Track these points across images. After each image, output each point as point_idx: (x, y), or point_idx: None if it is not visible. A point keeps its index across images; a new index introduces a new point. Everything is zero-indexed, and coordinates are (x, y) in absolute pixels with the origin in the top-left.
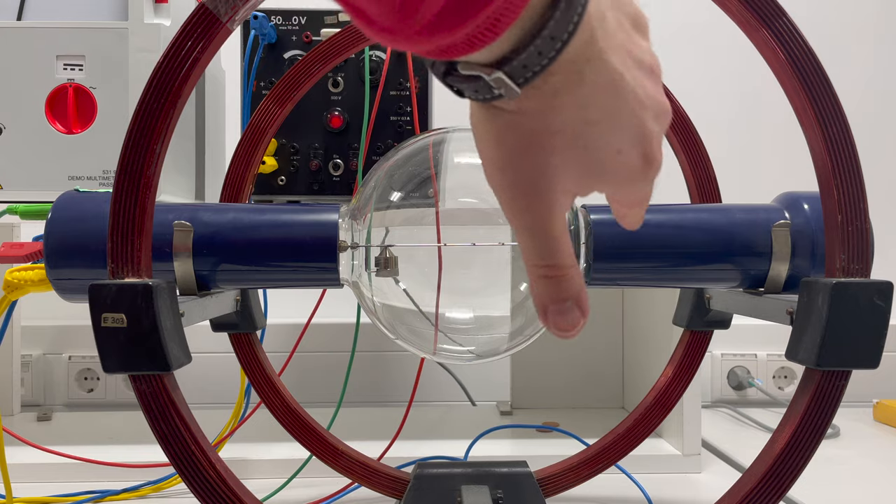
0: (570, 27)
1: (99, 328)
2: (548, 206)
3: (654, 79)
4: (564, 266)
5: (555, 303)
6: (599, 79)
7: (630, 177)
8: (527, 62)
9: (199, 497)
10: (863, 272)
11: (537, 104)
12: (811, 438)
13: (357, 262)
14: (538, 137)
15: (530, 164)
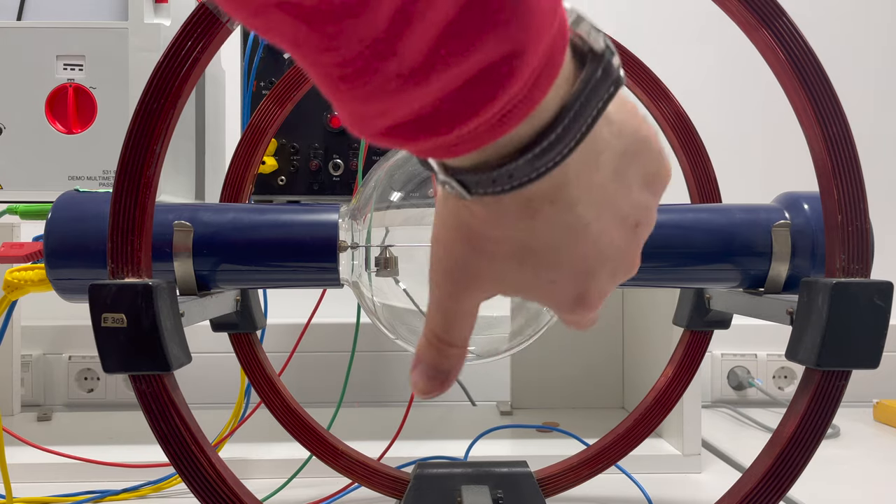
0: (534, 174)
1: (99, 328)
2: (464, 294)
3: (634, 237)
4: (454, 345)
5: (429, 367)
6: (557, 219)
7: (557, 306)
8: (480, 181)
9: (199, 497)
10: (863, 272)
11: (485, 213)
12: (811, 438)
13: (357, 262)
14: (476, 238)
15: (461, 254)
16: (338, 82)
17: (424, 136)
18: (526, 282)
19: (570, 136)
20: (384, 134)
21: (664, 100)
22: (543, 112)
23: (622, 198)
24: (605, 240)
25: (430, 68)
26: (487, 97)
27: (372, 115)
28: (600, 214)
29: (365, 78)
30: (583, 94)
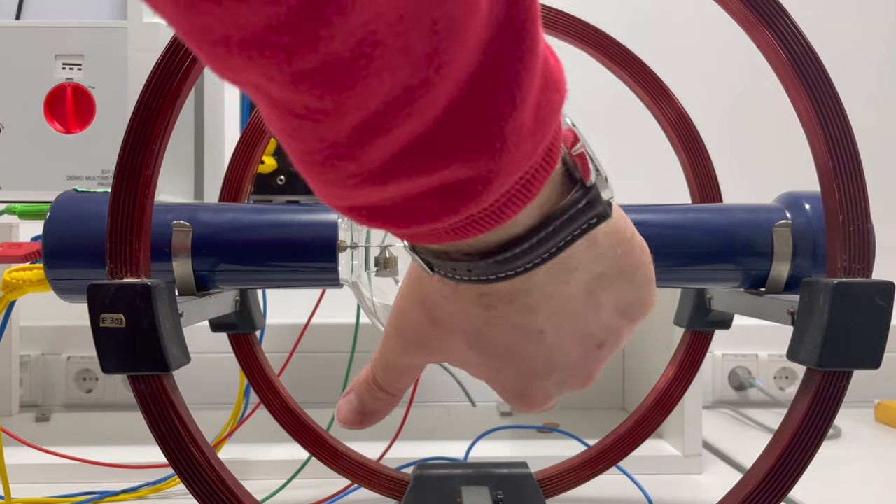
0: (493, 278)
1: (98, 328)
2: (410, 354)
3: (594, 355)
4: (386, 392)
5: (357, 402)
6: (512, 319)
7: (500, 393)
8: (440, 267)
9: (198, 498)
10: (864, 272)
11: (447, 291)
12: (812, 439)
13: (357, 262)
14: (433, 310)
15: (416, 320)
16: (298, 161)
17: (382, 224)
18: (471, 362)
19: (538, 253)
20: (346, 211)
21: (665, 99)
22: (514, 226)
23: (590, 317)
24: (559, 351)
25: (389, 175)
26: (448, 209)
27: (333, 195)
28: (560, 326)
29: (324, 168)
30: (559, 219)
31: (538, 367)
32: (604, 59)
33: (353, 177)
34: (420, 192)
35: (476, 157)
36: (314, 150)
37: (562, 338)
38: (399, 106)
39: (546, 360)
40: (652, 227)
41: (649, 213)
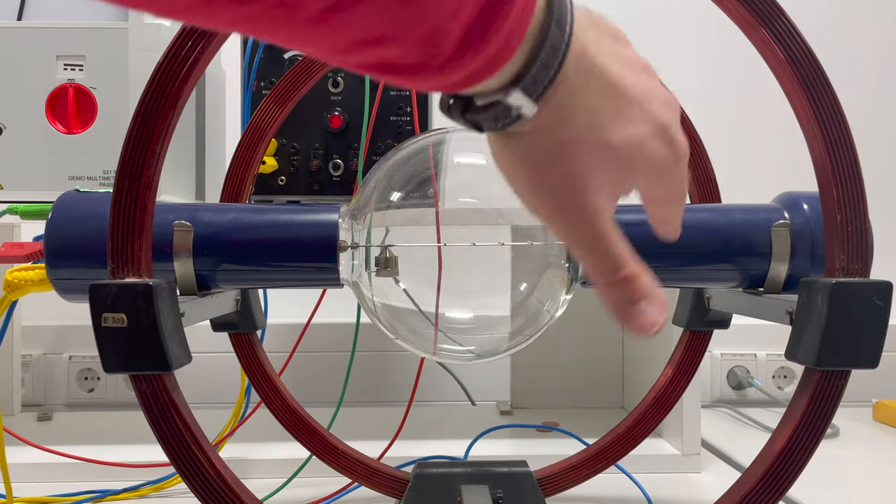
0: (566, 37)
1: (99, 328)
2: (590, 213)
3: (650, 74)
4: (623, 268)
5: (627, 307)
6: (601, 82)
7: (659, 166)
8: (536, 76)
9: (199, 497)
10: (862, 272)
11: (551, 118)
12: (811, 438)
13: (357, 262)
14: (558, 149)
15: (558, 176)
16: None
17: (490, 36)
18: (623, 160)
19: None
20: (455, 54)
21: None
22: (532, 31)
23: (620, 52)
24: (640, 85)
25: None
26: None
27: (441, 25)
28: (622, 67)
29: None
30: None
31: (648, 107)
32: None
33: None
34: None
35: None
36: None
37: (630, 73)
38: None
39: (645, 97)
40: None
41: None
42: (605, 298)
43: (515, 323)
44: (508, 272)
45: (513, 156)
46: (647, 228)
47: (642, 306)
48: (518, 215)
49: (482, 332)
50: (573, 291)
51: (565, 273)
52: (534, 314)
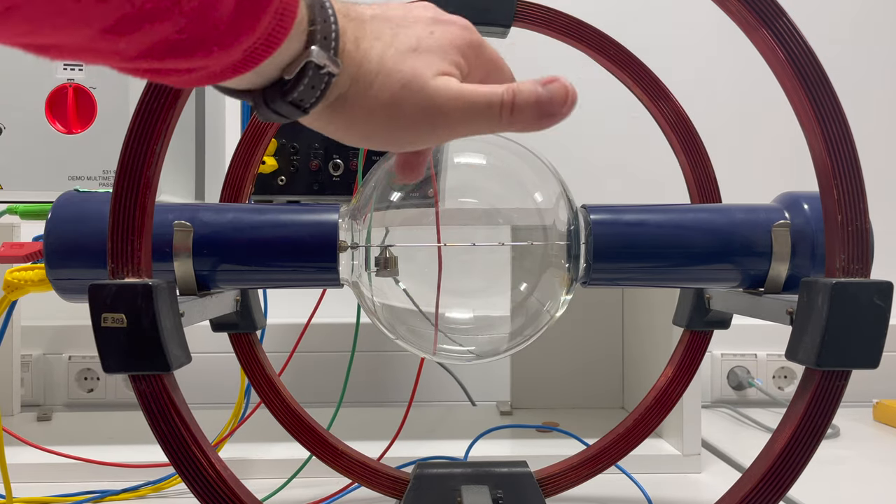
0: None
1: (99, 328)
2: (449, 101)
3: (418, 22)
4: (507, 95)
5: (535, 96)
6: (376, 21)
7: (468, 37)
8: (324, 31)
9: (199, 497)
10: (863, 272)
11: (357, 68)
12: (811, 438)
13: (357, 262)
14: (384, 83)
15: (407, 108)
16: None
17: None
18: (414, 35)
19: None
20: (231, 27)
21: (664, 99)
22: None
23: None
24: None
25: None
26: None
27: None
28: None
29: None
30: None
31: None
32: (603, 59)
33: None
34: None
35: None
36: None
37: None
38: None
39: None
40: (652, 227)
41: (649, 213)
42: (525, 124)
43: (515, 323)
44: (508, 272)
45: (351, 117)
46: (647, 228)
47: (544, 97)
48: (518, 215)
49: (482, 332)
50: (573, 291)
51: (565, 273)
52: (534, 314)
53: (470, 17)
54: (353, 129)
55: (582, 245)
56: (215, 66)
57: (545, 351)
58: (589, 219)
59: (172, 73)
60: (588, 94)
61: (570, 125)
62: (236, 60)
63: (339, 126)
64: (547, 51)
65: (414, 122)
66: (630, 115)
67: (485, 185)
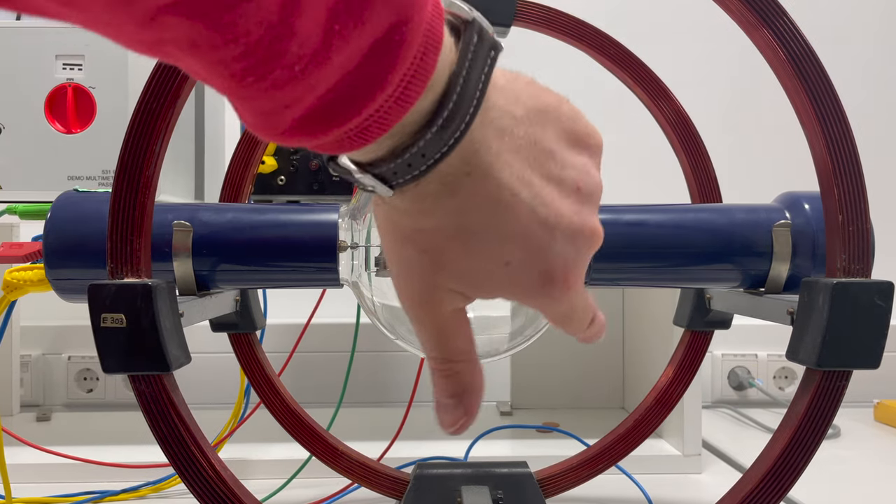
0: (444, 148)
1: (98, 328)
2: (431, 300)
3: (578, 198)
4: (449, 361)
5: (440, 397)
6: (480, 191)
7: (524, 292)
8: (397, 170)
9: (199, 497)
10: (863, 272)
11: (409, 205)
12: (812, 439)
13: (357, 262)
14: (413, 235)
15: (408, 258)
16: (242, 77)
17: (336, 124)
18: (480, 269)
19: (468, 100)
20: (295, 128)
21: (664, 99)
22: (437, 83)
23: (549, 161)
24: (542, 207)
25: (328, 46)
26: (387, 68)
27: (279, 108)
28: (526, 180)
29: (269, 65)
30: (467, 58)
31: (538, 234)
32: (603, 59)
33: (298, 61)
34: (358, 60)
35: (387, 0)
36: (256, 43)
37: (538, 191)
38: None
39: (540, 221)
40: (652, 227)
41: (649, 213)
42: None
43: (515, 323)
44: None
45: (377, 214)
46: (647, 228)
47: (448, 403)
48: None
49: (482, 332)
50: None
51: None
52: (534, 314)
53: None
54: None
55: None
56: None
57: (545, 351)
58: None
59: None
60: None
61: None
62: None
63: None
64: (547, 51)
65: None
66: (630, 115)
67: None
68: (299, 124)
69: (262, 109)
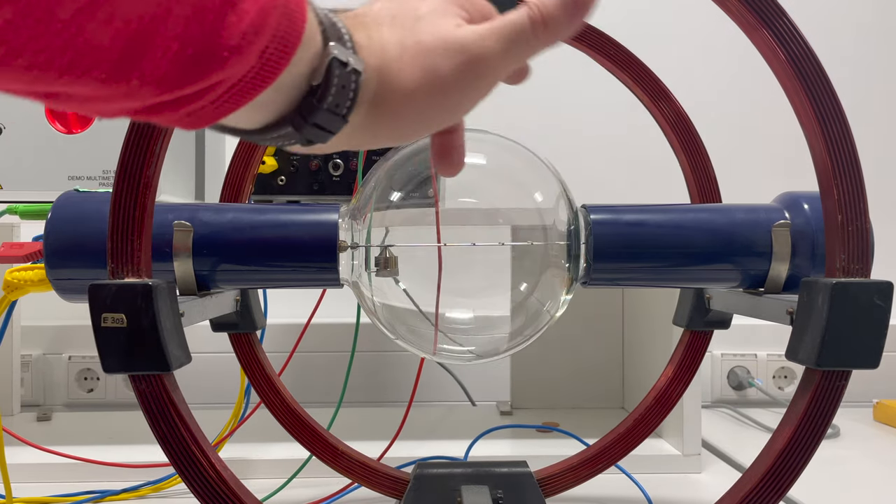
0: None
1: (99, 328)
2: (461, 44)
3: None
4: (533, 10)
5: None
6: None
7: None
8: (334, 23)
9: (199, 497)
10: (863, 272)
11: (384, 70)
12: (811, 438)
13: (357, 262)
14: (420, 73)
15: (450, 90)
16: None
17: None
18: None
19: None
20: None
21: (664, 99)
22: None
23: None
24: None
25: None
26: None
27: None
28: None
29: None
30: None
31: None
32: (603, 59)
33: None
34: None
35: None
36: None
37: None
38: None
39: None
40: (652, 227)
41: (649, 213)
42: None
43: (515, 323)
44: (508, 272)
45: (394, 110)
46: (647, 228)
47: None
48: (518, 215)
49: (482, 332)
50: (573, 291)
51: (565, 273)
52: (534, 314)
53: None
54: (399, 122)
55: (582, 245)
56: (233, 77)
57: (545, 351)
58: (589, 219)
59: (193, 100)
60: (589, 93)
61: (569, 125)
62: (254, 67)
63: (384, 124)
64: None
65: (456, 81)
66: (629, 115)
67: (485, 185)
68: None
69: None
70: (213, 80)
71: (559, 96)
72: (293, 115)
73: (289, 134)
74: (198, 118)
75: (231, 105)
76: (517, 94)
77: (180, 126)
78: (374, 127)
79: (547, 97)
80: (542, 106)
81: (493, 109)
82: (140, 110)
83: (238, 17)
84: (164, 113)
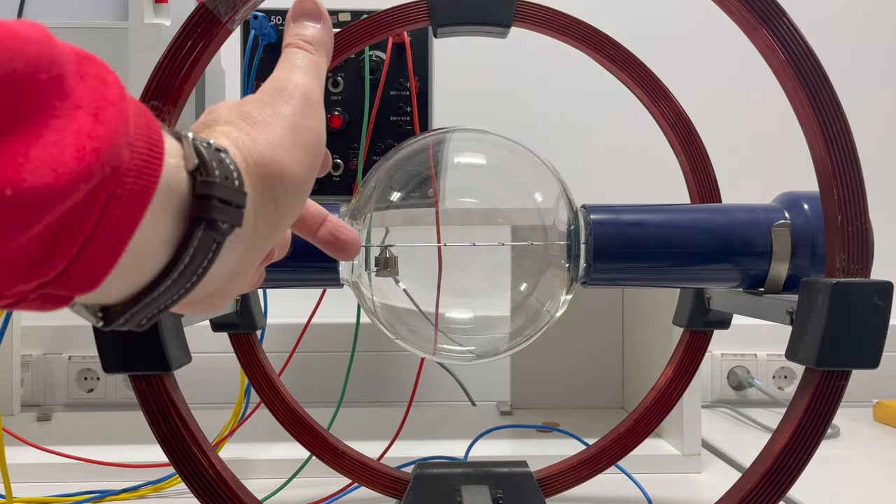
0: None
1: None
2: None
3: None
4: None
5: None
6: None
7: None
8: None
9: (199, 497)
10: (863, 272)
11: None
12: (811, 438)
13: (357, 262)
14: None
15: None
16: None
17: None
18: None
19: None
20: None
21: (664, 100)
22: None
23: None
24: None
25: None
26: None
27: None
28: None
29: None
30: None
31: None
32: (603, 59)
33: None
34: None
35: None
36: None
37: None
38: None
39: None
40: (652, 227)
41: (649, 213)
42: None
43: (515, 323)
44: (508, 272)
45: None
46: (647, 228)
47: None
48: (518, 215)
49: (482, 332)
50: (573, 291)
51: (565, 273)
52: (534, 314)
53: (470, 17)
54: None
55: (582, 245)
56: None
57: (545, 351)
58: (589, 219)
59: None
60: (589, 93)
61: (569, 125)
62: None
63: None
64: (547, 51)
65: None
66: (630, 113)
67: (485, 185)
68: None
69: None
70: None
71: (559, 96)
72: (192, 213)
73: (204, 238)
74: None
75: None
76: (517, 92)
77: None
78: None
79: (547, 97)
80: (542, 106)
81: (493, 110)
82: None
83: None
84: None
